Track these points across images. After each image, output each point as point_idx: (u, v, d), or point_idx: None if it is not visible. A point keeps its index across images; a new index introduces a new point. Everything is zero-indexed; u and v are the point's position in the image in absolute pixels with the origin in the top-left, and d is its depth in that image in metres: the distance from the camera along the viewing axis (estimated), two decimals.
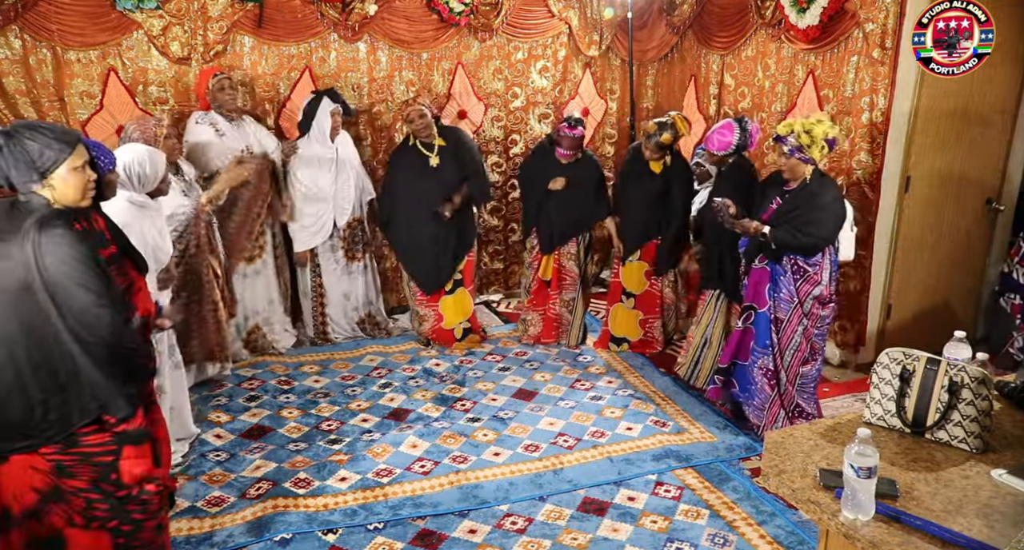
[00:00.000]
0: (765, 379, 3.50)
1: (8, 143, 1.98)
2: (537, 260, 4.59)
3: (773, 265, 3.37)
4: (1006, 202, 4.43)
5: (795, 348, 3.40)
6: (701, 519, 3.02)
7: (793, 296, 3.33)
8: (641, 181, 4.33)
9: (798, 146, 3.18)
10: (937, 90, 3.96)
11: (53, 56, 4.17)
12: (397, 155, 4.56)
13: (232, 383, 4.18)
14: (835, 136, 3.22)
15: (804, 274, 3.30)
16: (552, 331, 4.75)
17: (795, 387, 3.45)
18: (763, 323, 3.45)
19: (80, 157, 2.07)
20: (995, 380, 2.07)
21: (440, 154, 4.44)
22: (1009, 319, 4.34)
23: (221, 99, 4.21)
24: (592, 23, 5.47)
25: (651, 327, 4.62)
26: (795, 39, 4.43)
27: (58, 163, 2.01)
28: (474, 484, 3.25)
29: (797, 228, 3.22)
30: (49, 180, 2.02)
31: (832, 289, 3.35)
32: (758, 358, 3.51)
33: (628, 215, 4.45)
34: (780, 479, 1.79)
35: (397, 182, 4.48)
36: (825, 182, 3.28)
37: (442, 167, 4.43)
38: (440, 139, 4.46)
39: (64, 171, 2.03)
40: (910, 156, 4.06)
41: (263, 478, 3.30)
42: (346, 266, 4.71)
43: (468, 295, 4.73)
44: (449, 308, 4.68)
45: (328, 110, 4.37)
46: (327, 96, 4.40)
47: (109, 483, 2.14)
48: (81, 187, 2.07)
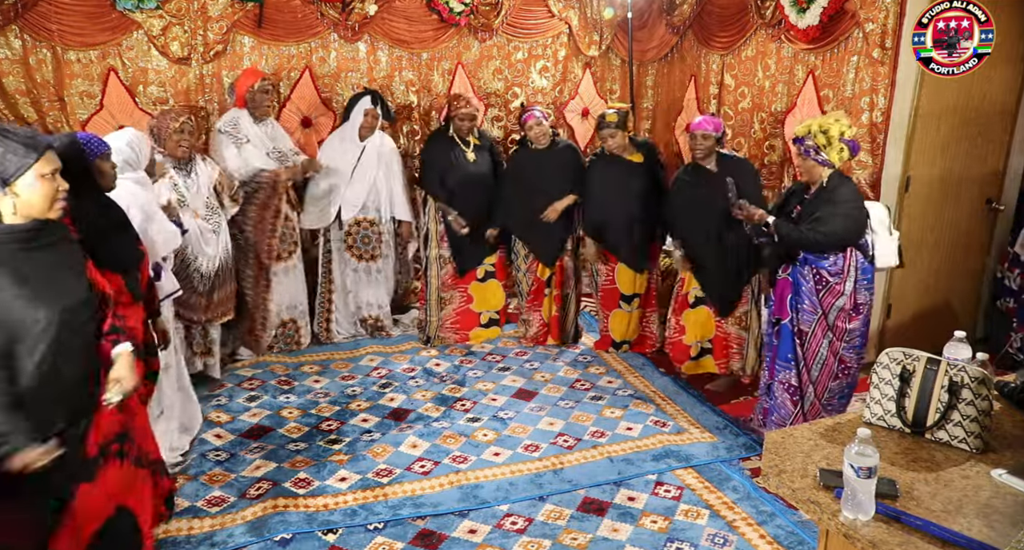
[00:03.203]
0: (787, 395, 3.36)
1: None
2: (535, 263, 4.60)
3: (795, 275, 3.23)
4: (1006, 202, 4.42)
5: (822, 362, 3.24)
6: (701, 519, 3.02)
7: (816, 307, 3.18)
8: (615, 178, 4.27)
9: (814, 147, 3.07)
10: (937, 90, 3.96)
11: (53, 56, 4.17)
12: (435, 142, 4.60)
13: (232, 383, 4.18)
14: (852, 136, 3.09)
15: (826, 284, 3.15)
16: (558, 331, 4.75)
17: (821, 401, 3.31)
18: (786, 335, 3.31)
19: (49, 164, 1.95)
20: (995, 380, 2.07)
21: (475, 150, 4.54)
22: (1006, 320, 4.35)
23: (260, 100, 4.26)
24: (592, 23, 5.47)
25: (648, 321, 4.62)
26: (795, 39, 4.43)
27: (22, 169, 1.89)
28: (474, 484, 3.25)
29: (812, 223, 3.10)
30: (13, 188, 1.90)
31: (863, 300, 3.16)
32: (779, 372, 3.37)
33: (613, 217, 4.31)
34: (780, 479, 1.79)
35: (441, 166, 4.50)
36: (841, 182, 3.13)
37: (478, 163, 4.54)
38: (475, 138, 4.57)
39: (30, 178, 1.91)
40: (910, 156, 4.06)
41: (263, 478, 3.30)
42: (354, 264, 4.73)
43: (500, 288, 4.85)
44: (479, 294, 4.78)
45: (363, 108, 4.46)
46: (369, 95, 4.49)
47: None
48: (49, 196, 1.95)
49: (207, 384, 4.10)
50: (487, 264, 4.74)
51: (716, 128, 3.82)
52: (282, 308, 4.54)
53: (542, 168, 4.40)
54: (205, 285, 3.88)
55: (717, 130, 3.83)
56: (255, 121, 4.30)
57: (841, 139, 3.06)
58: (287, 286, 4.51)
